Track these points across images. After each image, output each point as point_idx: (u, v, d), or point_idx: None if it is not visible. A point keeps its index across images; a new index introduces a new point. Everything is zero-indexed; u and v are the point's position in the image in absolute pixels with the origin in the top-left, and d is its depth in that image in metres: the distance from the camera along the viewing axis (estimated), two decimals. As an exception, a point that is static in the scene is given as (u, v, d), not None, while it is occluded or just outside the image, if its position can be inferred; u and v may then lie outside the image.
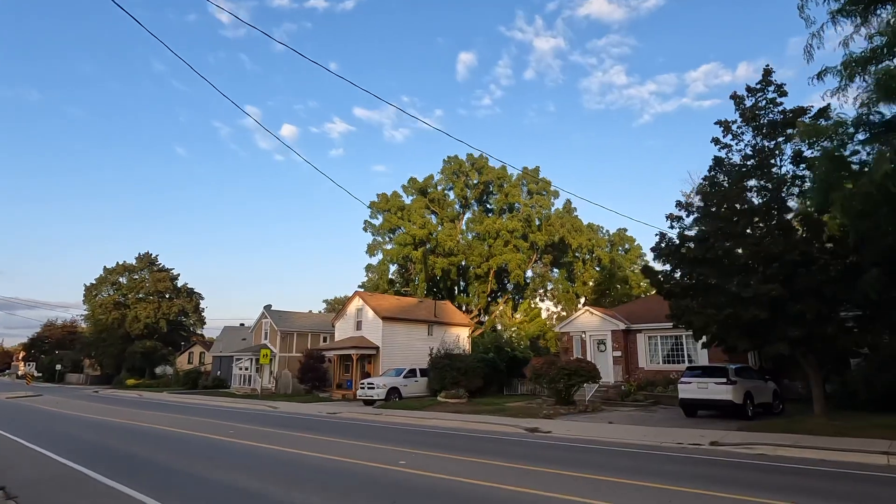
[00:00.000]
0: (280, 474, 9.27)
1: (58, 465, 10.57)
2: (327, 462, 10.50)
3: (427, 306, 38.64)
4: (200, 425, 17.98)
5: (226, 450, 12.44)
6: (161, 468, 10.13)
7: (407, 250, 45.82)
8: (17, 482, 8.79)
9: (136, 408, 27.64)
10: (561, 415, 18.55)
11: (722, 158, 16.24)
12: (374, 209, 50.85)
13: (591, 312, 26.97)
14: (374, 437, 14.56)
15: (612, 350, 25.62)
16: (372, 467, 9.82)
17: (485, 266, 46.15)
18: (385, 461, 10.37)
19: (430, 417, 19.60)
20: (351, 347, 32.58)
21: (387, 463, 10.18)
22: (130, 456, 11.65)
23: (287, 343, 41.68)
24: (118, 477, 8.93)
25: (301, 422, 19.48)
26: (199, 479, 9.02)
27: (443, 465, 10.03)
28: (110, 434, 15.96)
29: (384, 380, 26.37)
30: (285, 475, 9.23)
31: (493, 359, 28.08)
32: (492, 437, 14.71)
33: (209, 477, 9.19)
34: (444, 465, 10.03)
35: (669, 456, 11.44)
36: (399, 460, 10.47)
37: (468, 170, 53.63)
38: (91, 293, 69.21)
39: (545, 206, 49.08)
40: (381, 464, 10.11)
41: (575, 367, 20.44)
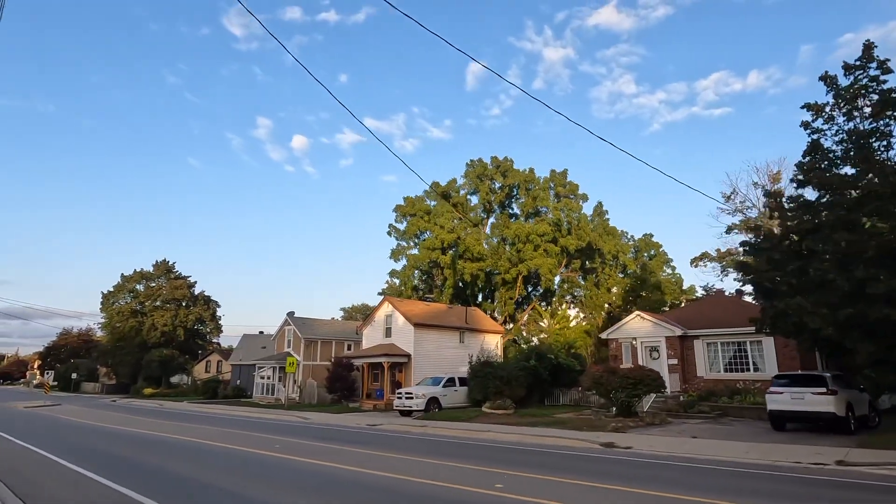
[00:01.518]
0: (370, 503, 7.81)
1: (95, 484, 9.19)
2: (415, 486, 9.00)
3: (458, 312, 37.13)
4: (239, 438, 16.56)
5: (283, 468, 10.99)
6: (220, 492, 8.70)
7: (435, 255, 44.39)
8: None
9: (161, 418, 26.32)
10: (630, 428, 16.91)
11: (819, 143, 14.67)
12: (399, 213, 49.55)
13: (642, 317, 25.32)
14: (441, 454, 13.04)
15: (668, 357, 23.93)
16: (470, 492, 8.31)
17: (513, 271, 44.60)
18: (477, 484, 8.86)
19: (484, 430, 18.04)
20: (382, 355, 31.13)
21: (482, 486, 8.68)
22: (179, 477, 10.24)
23: (311, 351, 40.30)
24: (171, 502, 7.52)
25: (345, 435, 18.00)
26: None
27: (547, 490, 8.52)
28: (145, 448, 14.58)
29: (423, 389, 24.85)
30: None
31: (536, 367, 26.46)
32: (570, 454, 13.14)
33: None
34: (548, 490, 8.52)
35: (801, 478, 9.82)
36: (494, 483, 8.96)
37: (493, 173, 52.30)
38: (108, 301, 68.46)
39: (574, 210, 47.52)
40: (477, 487, 8.61)
41: (639, 375, 18.81)
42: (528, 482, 9.22)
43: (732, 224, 40.89)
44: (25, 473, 10.84)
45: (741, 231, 40.93)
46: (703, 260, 42.64)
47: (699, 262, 42.86)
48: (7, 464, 11.88)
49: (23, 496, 8.67)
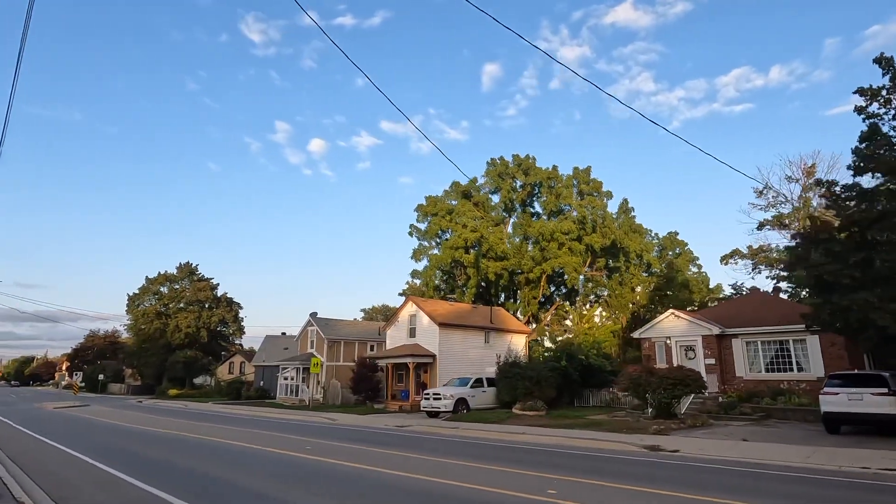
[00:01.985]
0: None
1: (132, 488, 8.91)
2: (465, 493, 8.53)
3: (482, 312, 36.60)
4: (269, 440, 16.28)
5: (320, 472, 10.62)
6: (263, 499, 8.33)
7: (458, 254, 43.87)
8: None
9: (189, 419, 26.30)
10: (672, 430, 16.21)
11: (878, 127, 13.83)
12: (420, 212, 49.18)
13: (676, 316, 24.51)
14: (481, 457, 12.55)
15: (705, 357, 23.09)
16: (525, 499, 7.79)
17: (537, 270, 43.87)
18: (529, 489, 8.35)
19: (518, 432, 17.49)
20: (407, 355, 30.75)
21: (534, 493, 8.17)
22: (215, 481, 9.92)
23: (334, 351, 40.15)
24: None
25: (376, 436, 17.61)
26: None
27: (602, 496, 7.98)
28: (179, 450, 14.37)
29: (451, 390, 24.38)
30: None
31: (565, 367, 25.81)
32: (615, 458, 12.53)
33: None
34: (603, 496, 7.98)
35: (876, 485, 9.10)
36: (546, 488, 8.44)
37: (514, 171, 51.62)
38: (133, 303, 69.44)
39: (598, 207, 46.60)
40: (530, 493, 8.09)
41: (680, 375, 18.07)
42: (581, 488, 8.68)
43: (765, 220, 39.69)
44: (62, 475, 10.65)
45: (773, 227, 39.69)
46: (734, 257, 41.45)
47: (729, 260, 41.68)
48: (43, 467, 11.73)
49: (59, 500, 8.43)
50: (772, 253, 39.37)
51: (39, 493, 9.15)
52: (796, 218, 38.50)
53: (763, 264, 40.75)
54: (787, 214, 38.66)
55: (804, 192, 38.15)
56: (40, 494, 9.13)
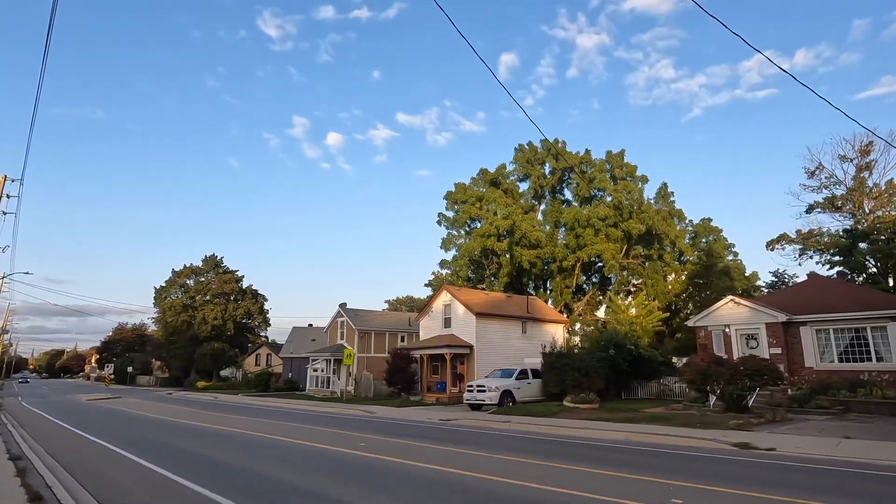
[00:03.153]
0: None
1: (183, 489, 7.92)
2: (573, 501, 7.36)
3: (518, 302, 35.35)
4: (318, 435, 15.34)
5: (389, 473, 9.54)
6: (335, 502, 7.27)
7: (489, 242, 42.55)
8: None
9: (224, 412, 25.65)
10: (753, 425, 14.81)
11: None
12: (449, 200, 47.92)
13: (736, 303, 22.93)
14: (557, 455, 11.37)
15: (769, 346, 21.52)
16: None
17: (571, 258, 42.38)
18: (647, 497, 7.14)
19: (579, 427, 16.26)
20: (444, 346, 29.67)
21: (654, 500, 6.95)
22: (277, 484, 8.90)
23: (365, 343, 39.35)
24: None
25: (426, 431, 16.56)
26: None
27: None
28: (225, 446, 13.47)
29: (496, 382, 23.23)
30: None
31: (614, 357, 24.44)
32: (707, 457, 11.24)
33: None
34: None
35: None
36: (669, 497, 7.22)
37: (543, 156, 50.04)
38: (161, 295, 69.72)
39: (635, 192, 44.79)
40: (651, 502, 6.89)
41: (756, 366, 16.62)
42: (707, 496, 7.42)
43: (815, 202, 37.58)
44: (106, 473, 9.78)
45: (825, 210, 37.56)
46: (781, 242, 39.38)
47: (776, 245, 39.62)
48: (85, 464, 10.89)
49: (107, 503, 7.50)
50: (823, 237, 37.25)
51: (84, 496, 8.25)
52: (850, 199, 36.35)
53: (812, 249, 38.65)
54: (839, 196, 36.50)
55: (858, 172, 35.94)
56: (85, 496, 8.23)
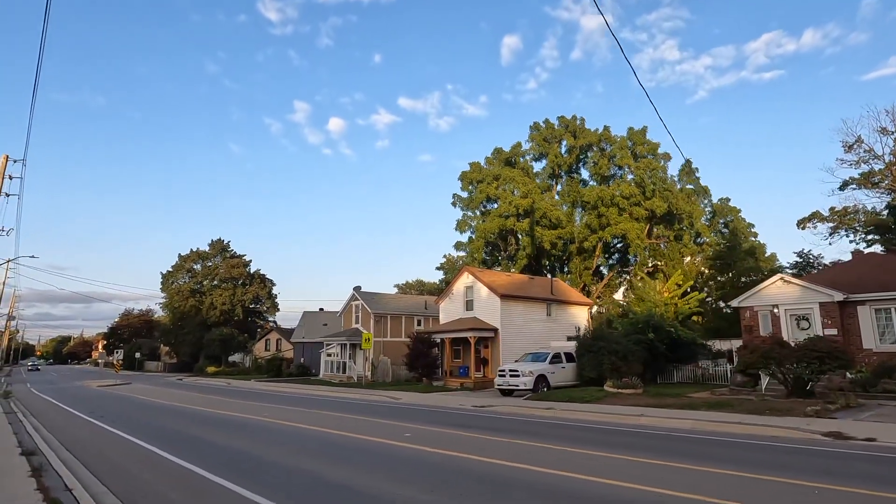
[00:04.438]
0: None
1: (221, 490, 6.69)
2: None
3: (541, 283, 34.07)
4: (355, 425, 14.15)
5: (455, 471, 8.31)
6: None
7: (508, 222, 41.09)
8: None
9: (241, 398, 24.57)
10: (830, 412, 13.56)
11: None
12: (464, 181, 46.34)
13: (786, 281, 21.59)
14: (628, 448, 10.13)
15: (823, 327, 20.20)
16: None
17: (592, 238, 40.96)
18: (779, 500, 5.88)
19: (633, 414, 15.04)
20: (468, 329, 28.46)
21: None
22: (325, 482, 7.66)
23: (381, 327, 38.17)
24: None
25: (467, 419, 15.37)
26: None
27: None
28: (256, 438, 12.28)
29: (529, 366, 22.03)
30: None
31: (652, 340, 23.19)
32: (800, 448, 9.99)
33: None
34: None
35: None
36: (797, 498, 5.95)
37: (561, 133, 48.33)
38: (168, 280, 68.67)
39: (658, 170, 43.14)
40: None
41: (825, 348, 15.32)
42: (844, 496, 6.15)
43: (850, 178, 35.94)
44: (131, 471, 8.58)
45: (861, 185, 35.95)
46: (813, 220, 37.85)
47: (807, 224, 38.09)
48: (107, 460, 9.69)
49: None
50: (858, 215, 35.70)
51: (111, 500, 7.05)
52: (889, 174, 34.72)
53: (844, 227, 37.13)
54: (878, 171, 34.85)
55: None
56: (112, 501, 7.03)
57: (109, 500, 7.11)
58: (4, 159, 25.67)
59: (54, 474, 8.28)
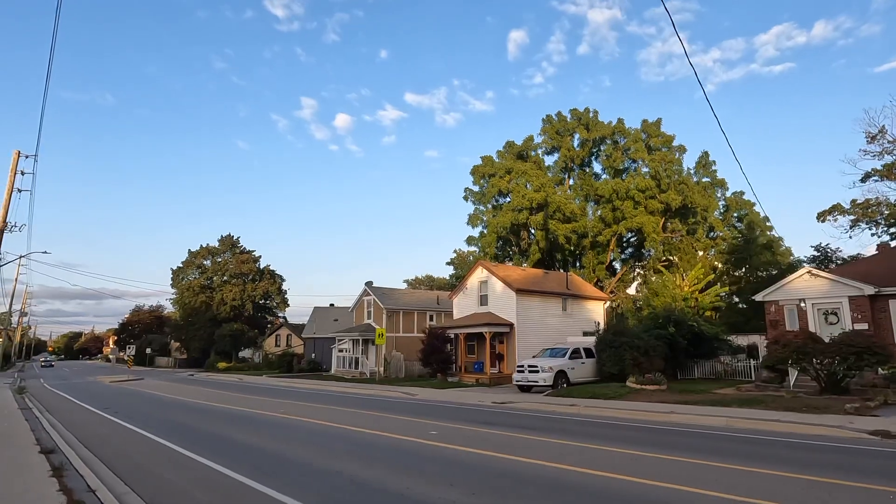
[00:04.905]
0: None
1: (255, 494, 6.32)
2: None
3: (557, 278, 33.59)
4: (378, 422, 13.81)
5: (497, 473, 7.91)
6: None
7: (521, 216, 40.54)
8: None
9: (257, 394, 24.31)
10: (871, 409, 13.02)
11: None
12: (476, 175, 45.80)
13: (813, 274, 20.97)
14: (665, 447, 9.70)
15: (853, 322, 19.59)
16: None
17: (607, 233, 40.36)
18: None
19: (661, 411, 14.58)
20: (483, 325, 28.04)
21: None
22: (382, 491, 7.28)
23: (393, 322, 37.86)
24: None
25: (490, 416, 14.98)
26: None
27: None
28: (283, 436, 11.95)
29: (549, 361, 21.60)
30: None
31: (674, 335, 22.68)
32: (851, 448, 9.52)
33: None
34: None
35: None
36: None
37: (573, 126, 47.63)
38: (178, 276, 68.74)
39: (674, 163, 42.40)
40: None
41: (864, 343, 14.76)
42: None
43: (873, 170, 35.07)
44: (156, 472, 8.23)
45: (884, 177, 35.08)
46: (833, 213, 37.00)
47: (827, 217, 37.25)
48: (129, 460, 9.37)
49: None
50: (881, 207, 34.83)
51: (136, 501, 6.72)
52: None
53: (866, 220, 36.28)
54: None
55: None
56: (137, 502, 6.69)
57: (132, 499, 6.79)
58: (16, 155, 25.48)
59: (75, 474, 7.97)
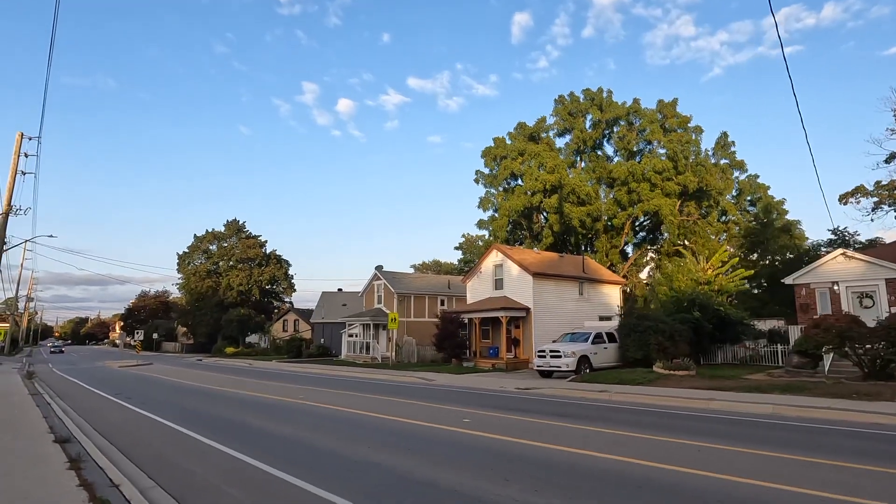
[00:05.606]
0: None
1: (302, 494, 5.66)
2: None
3: (572, 261, 32.85)
4: (406, 409, 13.22)
5: (548, 465, 7.27)
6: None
7: (535, 199, 39.65)
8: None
9: (270, 379, 23.81)
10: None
11: None
12: (487, 157, 44.80)
13: (848, 257, 20.21)
14: (719, 436, 9.07)
15: (889, 305, 18.87)
16: None
17: (622, 215, 39.49)
18: None
19: (698, 398, 13.93)
20: (499, 309, 27.41)
21: None
22: (431, 486, 6.64)
23: (404, 307, 37.30)
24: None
25: (520, 402, 14.37)
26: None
27: None
28: (307, 424, 11.35)
29: (572, 346, 20.96)
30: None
31: (699, 319, 21.98)
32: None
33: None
34: None
35: None
36: None
37: (587, 107, 46.50)
38: (184, 261, 68.28)
39: (691, 144, 41.32)
40: None
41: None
42: None
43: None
44: (178, 464, 7.60)
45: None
46: (856, 195, 36.03)
47: (850, 199, 36.29)
48: (149, 449, 8.75)
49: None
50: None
51: (161, 495, 6.10)
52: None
53: (891, 201, 35.31)
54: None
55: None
56: (163, 496, 6.07)
57: (159, 495, 6.17)
58: (19, 136, 24.73)
59: (94, 465, 7.36)
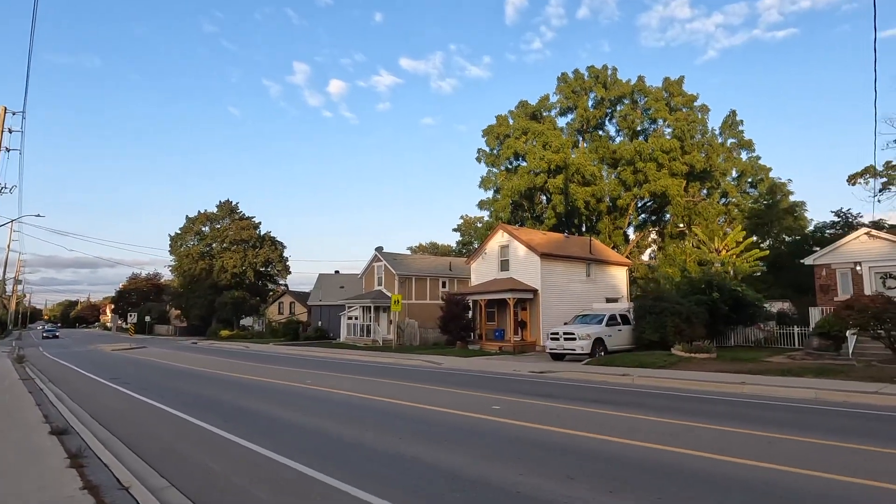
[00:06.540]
0: None
1: (336, 493, 4.92)
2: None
3: (579, 242, 32.16)
4: (426, 395, 12.49)
5: (607, 459, 6.54)
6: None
7: (540, 179, 38.71)
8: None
9: (270, 363, 23.02)
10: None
11: None
12: (489, 135, 43.65)
13: (872, 236, 19.62)
14: (771, 424, 8.39)
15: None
16: None
17: (627, 196, 38.72)
18: None
19: (728, 381, 13.31)
20: (506, 291, 26.69)
21: None
22: (484, 485, 5.87)
23: (405, 289, 36.47)
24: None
25: (541, 387, 13.70)
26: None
27: None
28: (320, 411, 10.58)
29: (586, 329, 20.31)
30: None
31: (715, 301, 21.39)
32: None
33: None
34: None
35: None
36: None
37: (590, 85, 45.36)
38: (176, 243, 66.82)
39: (698, 123, 40.45)
40: None
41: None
42: None
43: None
44: (198, 459, 6.79)
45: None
46: (865, 175, 35.52)
47: (858, 179, 35.79)
48: (157, 441, 7.91)
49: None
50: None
51: (176, 496, 5.31)
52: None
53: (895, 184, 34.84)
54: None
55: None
56: (178, 498, 5.29)
57: (176, 498, 5.37)
58: (2, 110, 23.34)
59: (97, 462, 6.52)
